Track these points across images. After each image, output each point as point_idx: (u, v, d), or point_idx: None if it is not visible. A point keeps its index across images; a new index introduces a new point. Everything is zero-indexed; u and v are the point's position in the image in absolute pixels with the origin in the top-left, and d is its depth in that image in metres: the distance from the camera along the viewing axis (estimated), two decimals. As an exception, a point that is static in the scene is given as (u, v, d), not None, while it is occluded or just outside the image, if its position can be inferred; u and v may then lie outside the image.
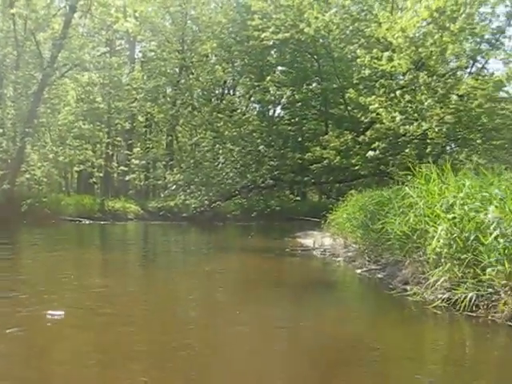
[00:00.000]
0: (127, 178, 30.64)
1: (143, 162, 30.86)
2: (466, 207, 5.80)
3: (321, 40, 25.08)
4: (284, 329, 5.14)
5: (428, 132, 22.08)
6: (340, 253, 10.96)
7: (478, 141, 23.69)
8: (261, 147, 27.04)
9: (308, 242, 14.88)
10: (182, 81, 31.93)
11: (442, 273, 5.71)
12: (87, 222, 23.07)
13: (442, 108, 21.12)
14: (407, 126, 20.48)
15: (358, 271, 8.65)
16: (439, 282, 5.73)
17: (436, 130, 22.56)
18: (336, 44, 25.79)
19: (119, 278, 8.08)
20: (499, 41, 28.93)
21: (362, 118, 25.72)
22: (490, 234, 5.24)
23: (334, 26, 23.81)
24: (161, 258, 12.10)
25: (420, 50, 20.06)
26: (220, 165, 27.62)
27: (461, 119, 21.76)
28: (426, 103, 19.63)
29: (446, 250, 5.78)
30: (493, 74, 24.02)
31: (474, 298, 5.17)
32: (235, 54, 27.94)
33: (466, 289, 5.32)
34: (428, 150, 25.70)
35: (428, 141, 25.27)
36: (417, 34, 19.61)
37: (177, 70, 32.31)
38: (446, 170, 7.25)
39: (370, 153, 21.57)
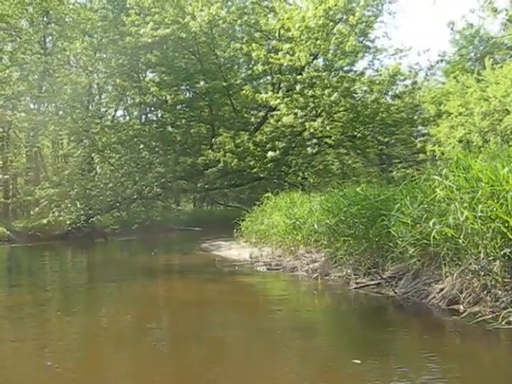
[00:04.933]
0: (-14, 196, 26.79)
1: (7, 176, 27.07)
2: None
3: (203, 37, 23.08)
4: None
5: (316, 131, 21.16)
6: (297, 266, 9.17)
7: (368, 137, 23.34)
8: (144, 153, 24.60)
9: (231, 254, 12.98)
10: (45, 87, 28.49)
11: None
12: None
13: (337, 105, 20.31)
14: (311, 123, 19.29)
15: (350, 288, 6.92)
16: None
17: (327, 128, 21.76)
18: (222, 39, 24.11)
19: None
20: (362, 43, 29.58)
21: (252, 119, 24.34)
22: None
23: (220, 20, 22.15)
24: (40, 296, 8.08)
25: (319, 42, 19.02)
26: (97, 175, 24.82)
27: (358, 115, 21.09)
28: (332, 97, 18.53)
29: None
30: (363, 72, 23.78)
31: None
32: (109, 53, 25.13)
33: None
34: (315, 150, 24.97)
35: (315, 140, 24.55)
36: (316, 26, 18.55)
37: (39, 74, 28.75)
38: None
39: (271, 153, 20.15)
